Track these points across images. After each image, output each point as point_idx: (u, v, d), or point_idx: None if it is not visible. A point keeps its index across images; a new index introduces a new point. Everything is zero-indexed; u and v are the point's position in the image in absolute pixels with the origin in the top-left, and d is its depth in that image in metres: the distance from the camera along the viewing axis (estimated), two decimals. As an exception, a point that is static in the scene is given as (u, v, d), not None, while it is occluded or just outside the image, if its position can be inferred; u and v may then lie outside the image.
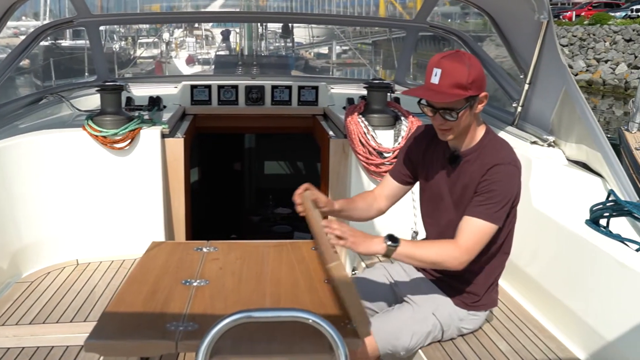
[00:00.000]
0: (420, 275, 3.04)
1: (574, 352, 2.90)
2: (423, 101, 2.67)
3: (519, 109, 4.13)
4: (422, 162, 2.95)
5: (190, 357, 3.95)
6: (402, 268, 3.09)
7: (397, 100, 4.79)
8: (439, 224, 2.91)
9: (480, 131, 2.76)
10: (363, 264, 3.78)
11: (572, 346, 2.94)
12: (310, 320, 1.97)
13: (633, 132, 10.72)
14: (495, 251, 2.82)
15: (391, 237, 2.58)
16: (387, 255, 2.59)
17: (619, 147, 10.65)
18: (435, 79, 2.56)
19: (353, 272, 3.99)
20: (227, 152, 7.43)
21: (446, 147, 2.83)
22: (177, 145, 4.08)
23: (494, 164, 2.63)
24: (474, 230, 2.61)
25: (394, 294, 3.05)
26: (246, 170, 7.53)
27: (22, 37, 4.65)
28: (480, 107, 2.66)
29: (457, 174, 2.79)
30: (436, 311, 2.87)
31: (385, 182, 3.12)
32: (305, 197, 2.73)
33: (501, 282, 3.64)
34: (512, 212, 2.75)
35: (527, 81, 3.98)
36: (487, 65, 4.86)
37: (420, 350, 2.84)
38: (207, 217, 5.92)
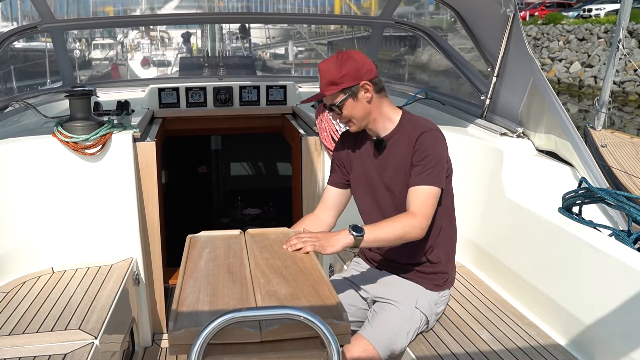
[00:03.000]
0: (387, 273, 3.09)
1: (553, 337, 2.94)
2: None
3: (487, 101, 4.20)
4: (352, 161, 3.08)
5: (149, 354, 3.94)
6: (369, 271, 3.15)
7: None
8: (379, 211, 2.99)
9: (396, 114, 2.96)
10: (340, 261, 3.79)
11: (552, 332, 2.99)
12: (302, 318, 1.96)
13: (598, 129, 10.95)
14: (444, 226, 2.98)
15: (355, 228, 2.67)
16: (356, 245, 2.67)
17: (585, 144, 10.86)
18: (319, 83, 2.86)
19: (330, 269, 3.99)
20: (193, 155, 7.39)
21: (369, 139, 3.00)
22: (148, 149, 4.04)
23: (419, 134, 2.81)
24: (423, 197, 2.75)
25: (366, 298, 3.08)
26: (213, 173, 7.50)
27: None
28: (368, 94, 2.84)
29: (384, 158, 2.94)
30: (417, 304, 2.92)
31: (326, 195, 3.19)
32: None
33: (476, 272, 3.71)
34: (447, 181, 2.90)
35: (495, 74, 4.05)
36: (454, 60, 4.92)
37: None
38: (176, 221, 5.87)
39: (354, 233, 2.65)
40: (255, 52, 15.93)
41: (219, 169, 7.46)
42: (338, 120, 4.12)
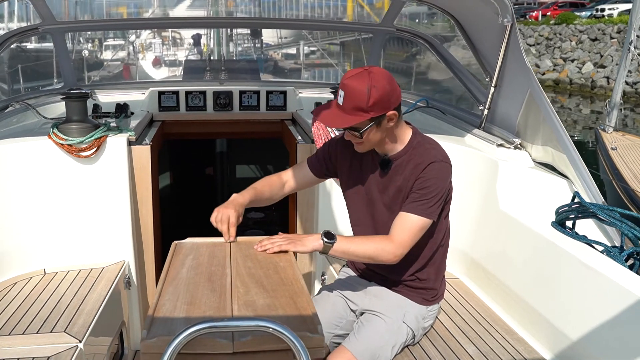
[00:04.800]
0: (375, 284, 3.06)
1: (541, 354, 2.93)
2: None
3: (486, 111, 4.17)
4: (350, 167, 3.00)
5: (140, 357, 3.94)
6: (358, 282, 3.12)
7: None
8: (373, 227, 2.95)
9: (407, 134, 2.85)
10: (332, 269, 3.78)
11: (540, 348, 2.97)
12: (271, 329, 1.96)
13: (609, 132, 10.88)
14: (437, 244, 2.94)
15: (327, 234, 2.68)
16: (324, 252, 2.69)
17: (596, 147, 10.80)
18: (340, 100, 2.65)
19: (322, 277, 3.98)
20: (198, 157, 7.39)
21: (374, 152, 2.89)
22: (143, 152, 4.04)
23: (429, 163, 2.72)
24: (408, 225, 2.70)
25: (355, 310, 3.05)
26: (218, 175, 7.49)
27: None
28: (392, 123, 2.71)
29: (389, 178, 2.86)
30: (405, 318, 2.90)
31: (299, 169, 3.17)
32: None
33: (469, 284, 3.69)
34: (446, 207, 2.87)
35: (493, 84, 4.03)
36: (454, 68, 4.90)
37: None
38: (178, 223, 5.87)
39: (325, 239, 2.67)
40: (266, 52, 15.94)
41: (224, 171, 7.45)
42: (334, 129, 4.12)
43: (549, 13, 41.09)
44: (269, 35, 16.67)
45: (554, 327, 2.87)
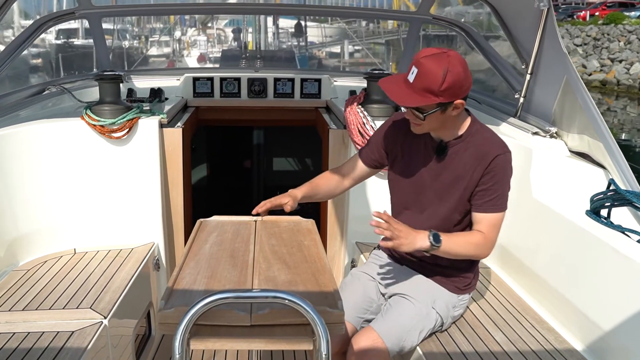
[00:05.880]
0: (408, 269, 3.01)
1: (572, 343, 2.85)
2: None
3: (522, 100, 4.08)
4: (400, 151, 2.92)
5: (167, 339, 3.94)
6: (389, 266, 3.06)
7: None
8: (420, 216, 2.88)
9: (465, 122, 2.78)
10: (362, 257, 3.74)
11: (571, 338, 2.89)
12: (287, 301, 1.94)
13: None
14: None
15: (435, 237, 2.62)
16: (427, 251, 2.66)
17: None
18: (411, 77, 2.57)
19: (352, 264, 3.95)
20: (236, 150, 7.41)
21: (428, 136, 2.81)
22: (175, 135, 4.06)
23: (495, 155, 2.68)
24: (495, 223, 2.74)
25: (385, 294, 3.00)
26: (255, 168, 7.50)
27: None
28: (456, 112, 2.64)
29: (444, 165, 2.78)
30: (435, 304, 2.84)
31: (353, 163, 3.12)
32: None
33: (500, 273, 3.62)
34: None
35: (529, 71, 3.93)
36: (490, 57, 4.81)
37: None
38: (212, 213, 5.90)
39: (433, 242, 2.62)
40: (311, 50, 15.95)
41: (261, 164, 7.46)
42: (366, 114, 4.08)
43: (597, 13, 40.31)
44: (313, 34, 16.69)
45: (586, 317, 2.79)
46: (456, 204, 2.78)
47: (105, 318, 2.93)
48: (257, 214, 2.90)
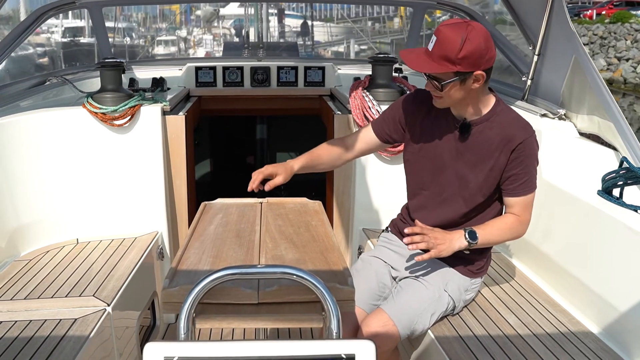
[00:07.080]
0: (421, 252, 2.90)
1: (586, 325, 2.78)
2: None
3: (529, 82, 4.00)
4: (420, 128, 2.82)
5: (172, 330, 3.89)
6: (400, 249, 2.97)
7: (405, 78, 4.69)
8: (439, 196, 2.80)
9: (490, 101, 2.70)
10: (369, 243, 3.68)
11: (585, 320, 2.82)
12: (295, 277, 1.86)
13: None
14: (494, 215, 2.83)
15: (471, 234, 2.62)
16: (467, 250, 2.66)
17: None
18: (430, 45, 2.51)
19: (359, 251, 3.88)
20: (239, 145, 7.35)
21: (450, 114, 2.73)
22: (177, 122, 4.01)
23: (521, 140, 2.62)
24: (528, 203, 2.73)
25: (396, 277, 2.93)
26: (258, 163, 7.45)
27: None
28: (477, 85, 2.56)
29: (467, 144, 2.70)
30: (447, 287, 2.78)
31: (364, 134, 3.01)
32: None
33: (512, 257, 3.56)
34: None
35: (536, 52, 3.85)
36: (496, 40, 4.73)
37: None
38: None
39: (470, 239, 2.62)
40: (316, 49, 15.94)
41: (265, 158, 7.41)
42: (372, 98, 4.01)
43: (603, 12, 40.14)
44: (319, 33, 16.69)
45: (600, 298, 2.73)
46: (481, 185, 2.71)
47: (108, 305, 2.88)
48: (261, 199, 2.84)
